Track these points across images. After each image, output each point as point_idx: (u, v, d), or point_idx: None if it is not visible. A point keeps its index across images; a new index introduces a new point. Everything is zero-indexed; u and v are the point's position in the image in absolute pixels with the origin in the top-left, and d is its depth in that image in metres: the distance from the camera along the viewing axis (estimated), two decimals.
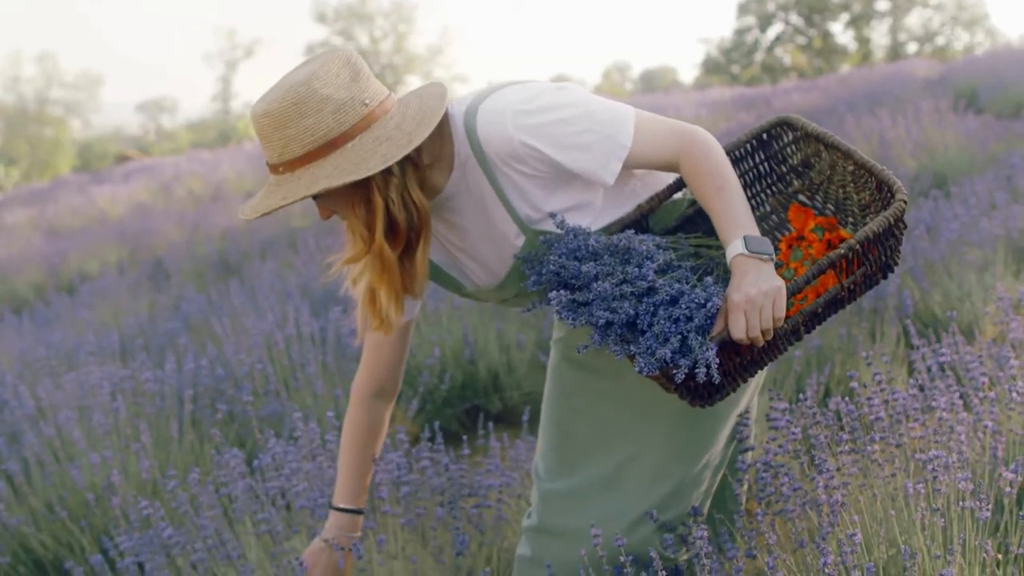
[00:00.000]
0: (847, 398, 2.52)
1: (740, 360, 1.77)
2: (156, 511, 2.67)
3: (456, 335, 4.33)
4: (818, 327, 1.89)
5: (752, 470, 2.35)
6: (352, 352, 4.10)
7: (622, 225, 1.96)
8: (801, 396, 2.51)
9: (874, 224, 1.74)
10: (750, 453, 2.25)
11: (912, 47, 37.26)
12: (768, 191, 2.09)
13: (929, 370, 2.89)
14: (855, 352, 3.70)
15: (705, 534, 1.95)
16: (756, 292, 1.68)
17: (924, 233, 4.62)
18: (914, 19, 37.66)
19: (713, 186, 1.80)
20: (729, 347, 1.73)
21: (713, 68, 38.63)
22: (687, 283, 1.74)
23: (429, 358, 4.16)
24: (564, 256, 1.79)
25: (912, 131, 7.74)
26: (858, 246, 1.74)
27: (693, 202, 2.07)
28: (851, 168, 1.91)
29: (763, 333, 1.70)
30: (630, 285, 1.72)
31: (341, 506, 2.25)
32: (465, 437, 3.03)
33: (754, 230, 1.76)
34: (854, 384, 2.51)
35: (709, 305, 1.68)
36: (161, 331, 5.25)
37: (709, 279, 1.74)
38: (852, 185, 1.92)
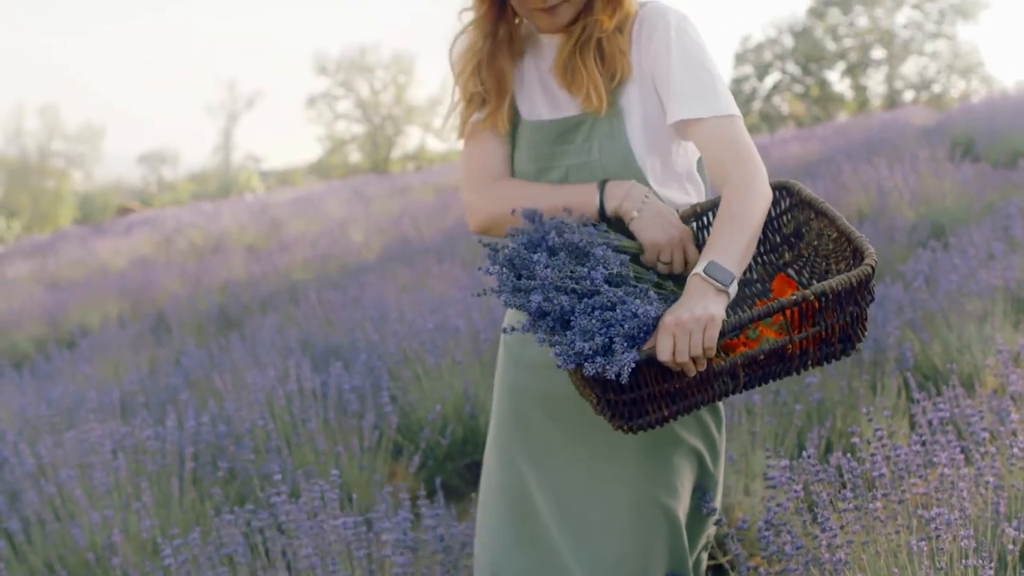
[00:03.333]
0: (849, 454, 2.52)
1: (667, 386, 1.72)
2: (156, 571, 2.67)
3: (457, 390, 4.33)
4: (764, 384, 1.83)
5: (753, 528, 2.35)
6: (353, 408, 4.09)
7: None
8: (804, 453, 2.51)
9: (834, 281, 1.71)
10: (715, 528, 2.20)
11: (909, 95, 37.48)
12: (759, 259, 2.07)
13: (930, 424, 2.89)
14: (856, 405, 3.70)
15: None
16: (688, 316, 1.66)
17: (923, 284, 4.63)
18: (910, 67, 37.92)
19: (732, 212, 1.81)
20: (656, 368, 1.70)
21: None
22: (634, 297, 1.72)
23: (431, 414, 4.16)
24: (522, 245, 1.80)
25: (909, 180, 7.77)
26: (812, 297, 1.70)
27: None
28: (834, 236, 1.89)
29: (694, 362, 1.68)
30: (574, 282, 1.71)
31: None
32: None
33: (731, 264, 1.74)
34: (855, 440, 2.52)
35: (641, 314, 1.66)
36: (162, 386, 5.25)
37: (653, 293, 1.72)
38: (834, 256, 1.89)
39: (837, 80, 38.54)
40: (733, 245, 1.77)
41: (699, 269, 1.73)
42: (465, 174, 2.08)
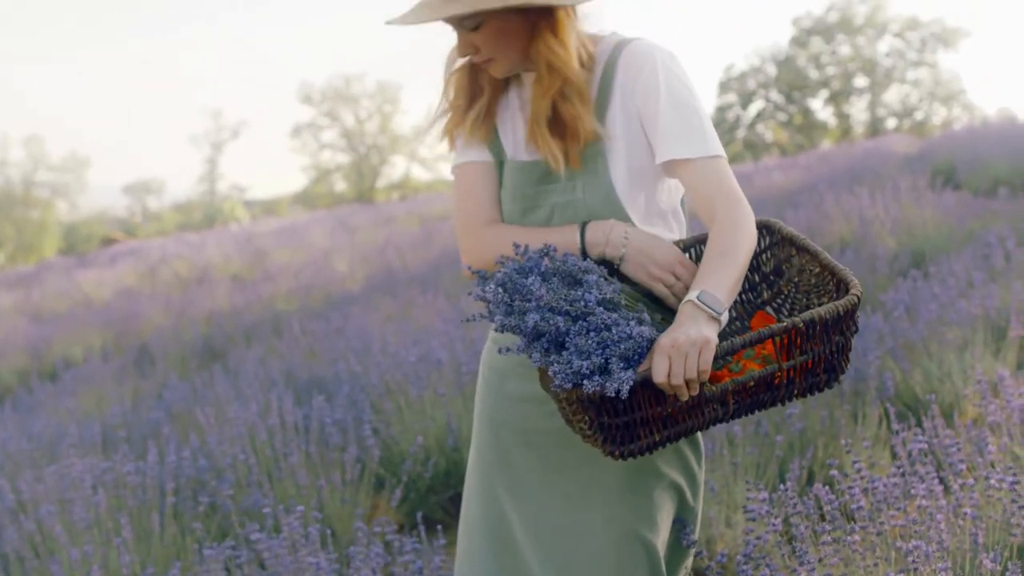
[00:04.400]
0: (828, 486, 2.53)
1: (660, 410, 1.74)
2: None
3: (439, 423, 4.32)
4: (751, 414, 1.84)
5: (733, 561, 2.35)
6: (335, 441, 4.09)
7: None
8: (782, 485, 2.52)
9: (822, 309, 1.73)
10: (693, 560, 2.20)
11: (891, 122, 37.74)
12: (738, 297, 2.09)
13: (910, 455, 2.90)
14: (838, 435, 3.71)
15: None
16: (684, 339, 1.68)
17: (903, 313, 4.66)
18: (892, 95, 38.21)
19: (720, 248, 1.84)
20: (650, 391, 1.71)
21: None
22: (627, 320, 1.74)
23: (412, 446, 4.15)
24: (515, 271, 1.81)
25: (891, 209, 7.82)
26: (802, 324, 1.72)
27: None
28: (816, 271, 1.92)
29: (688, 385, 1.69)
30: (568, 304, 1.73)
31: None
32: (440, 527, 3.02)
33: (721, 295, 1.77)
34: (834, 472, 2.53)
35: (636, 335, 1.68)
36: (144, 420, 5.23)
37: (646, 315, 1.75)
38: (815, 291, 1.92)
39: (820, 108, 38.80)
40: (723, 278, 1.79)
41: (692, 296, 1.75)
42: (455, 213, 2.10)
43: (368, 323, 6.32)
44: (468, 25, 1.90)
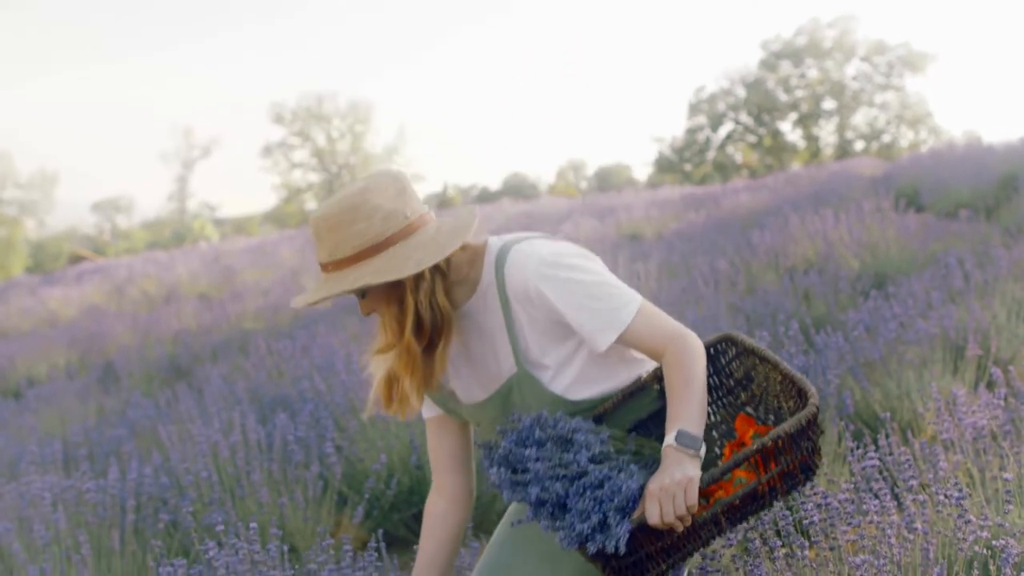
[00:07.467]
0: (783, 502, 2.56)
1: (661, 544, 1.89)
2: None
3: (403, 440, 4.33)
4: (744, 522, 2.02)
5: None
6: (297, 458, 4.09)
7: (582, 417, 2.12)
8: None
9: (786, 424, 1.88)
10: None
11: (860, 144, 38.11)
12: (719, 403, 2.28)
13: (864, 471, 2.94)
14: None
15: None
16: (670, 482, 1.82)
17: (864, 333, 4.71)
18: (860, 117, 38.61)
19: (681, 380, 1.97)
20: (649, 531, 1.86)
21: (666, 166, 39.25)
22: (618, 471, 1.90)
23: (375, 464, 4.16)
24: (513, 443, 1.99)
25: (855, 231, 7.90)
26: (770, 443, 1.88)
27: (654, 402, 2.22)
28: (779, 378, 2.09)
29: (680, 519, 1.83)
30: (563, 468, 1.90)
31: None
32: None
33: (695, 428, 1.91)
34: None
35: (624, 488, 1.84)
36: (107, 438, 5.21)
37: (634, 467, 1.91)
38: (782, 395, 2.09)
39: (789, 130, 39.14)
40: (690, 410, 1.94)
41: (670, 440, 1.89)
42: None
43: (333, 342, 6.31)
44: (356, 294, 2.05)
